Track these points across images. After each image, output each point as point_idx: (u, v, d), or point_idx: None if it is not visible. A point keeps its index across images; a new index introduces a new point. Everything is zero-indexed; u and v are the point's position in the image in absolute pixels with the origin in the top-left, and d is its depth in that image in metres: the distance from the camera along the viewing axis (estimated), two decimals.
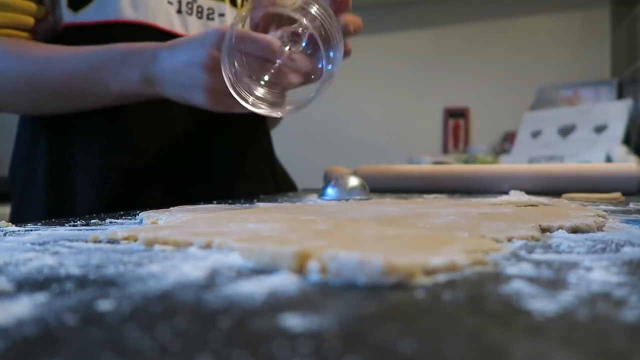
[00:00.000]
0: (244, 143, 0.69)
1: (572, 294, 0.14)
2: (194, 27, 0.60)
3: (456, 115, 1.96)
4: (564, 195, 0.59)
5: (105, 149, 0.57)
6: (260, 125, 0.71)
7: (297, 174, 0.89)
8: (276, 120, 0.79)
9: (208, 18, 0.62)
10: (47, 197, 0.58)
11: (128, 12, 0.55)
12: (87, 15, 0.55)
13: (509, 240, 0.24)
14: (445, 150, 1.97)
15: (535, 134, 1.55)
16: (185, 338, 0.11)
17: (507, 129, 1.80)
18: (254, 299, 0.14)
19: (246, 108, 0.42)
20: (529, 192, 0.60)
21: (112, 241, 0.24)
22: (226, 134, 0.65)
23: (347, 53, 0.47)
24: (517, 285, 0.15)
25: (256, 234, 0.24)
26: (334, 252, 0.17)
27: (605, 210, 0.38)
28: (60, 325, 0.12)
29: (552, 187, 0.66)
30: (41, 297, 0.14)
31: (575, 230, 0.27)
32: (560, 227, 0.27)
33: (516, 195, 0.55)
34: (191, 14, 0.60)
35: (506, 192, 0.61)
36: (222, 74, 0.41)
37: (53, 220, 0.34)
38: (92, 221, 0.33)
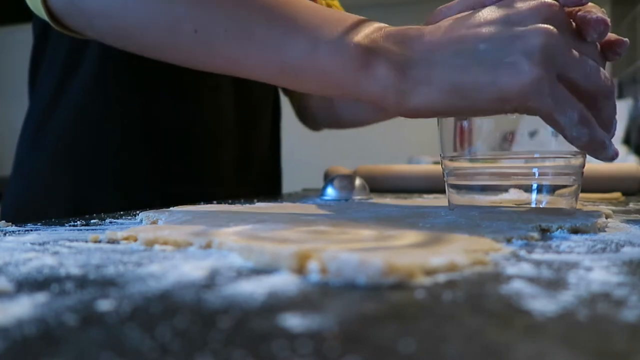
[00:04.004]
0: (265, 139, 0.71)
1: (572, 294, 0.14)
2: None
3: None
4: None
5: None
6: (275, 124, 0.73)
7: (297, 174, 0.89)
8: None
9: None
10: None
11: None
12: None
13: (509, 240, 0.24)
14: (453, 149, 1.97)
15: (532, 134, 1.55)
16: (185, 338, 0.11)
17: (507, 129, 1.80)
18: (254, 299, 0.14)
19: None
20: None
21: (112, 241, 0.24)
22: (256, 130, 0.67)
23: None
24: (517, 285, 0.15)
25: (256, 234, 0.24)
26: (334, 252, 0.17)
27: None
28: (60, 325, 0.12)
29: None
30: (41, 297, 0.14)
31: (575, 230, 0.27)
32: (560, 227, 0.27)
33: (516, 194, 0.55)
34: None
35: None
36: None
37: (53, 220, 0.34)
38: (92, 221, 0.33)
